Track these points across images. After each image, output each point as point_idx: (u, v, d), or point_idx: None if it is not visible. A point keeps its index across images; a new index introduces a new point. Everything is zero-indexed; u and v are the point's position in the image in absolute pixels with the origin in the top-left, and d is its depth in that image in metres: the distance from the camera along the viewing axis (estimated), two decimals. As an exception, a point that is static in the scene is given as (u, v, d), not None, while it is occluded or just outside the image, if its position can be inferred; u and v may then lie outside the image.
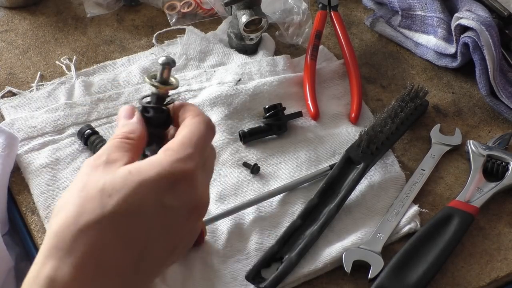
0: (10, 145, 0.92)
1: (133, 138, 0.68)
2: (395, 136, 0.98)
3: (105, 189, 0.62)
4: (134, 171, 0.63)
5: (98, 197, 0.62)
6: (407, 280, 0.85)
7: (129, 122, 0.70)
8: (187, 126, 0.68)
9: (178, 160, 0.64)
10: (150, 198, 0.63)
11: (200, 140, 0.67)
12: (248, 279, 0.85)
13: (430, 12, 1.10)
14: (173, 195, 0.64)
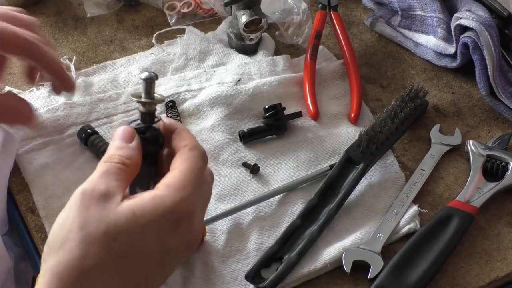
0: (10, 145, 0.92)
1: (129, 165, 0.67)
2: (395, 136, 0.98)
3: (109, 231, 0.61)
4: (139, 213, 0.62)
5: (102, 240, 0.61)
6: (407, 280, 0.85)
7: (127, 146, 0.68)
8: (186, 160, 0.67)
9: (181, 201, 0.64)
10: (154, 240, 0.63)
11: (199, 176, 0.67)
12: (248, 279, 0.85)
13: (430, 12, 1.11)
14: (174, 236, 0.64)
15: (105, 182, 0.65)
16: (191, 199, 0.65)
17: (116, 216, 0.62)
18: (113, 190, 0.64)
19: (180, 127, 0.71)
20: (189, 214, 0.65)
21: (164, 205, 0.63)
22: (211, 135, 0.99)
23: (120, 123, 1.00)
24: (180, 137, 0.70)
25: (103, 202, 0.63)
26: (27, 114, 0.84)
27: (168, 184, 0.65)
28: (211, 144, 0.98)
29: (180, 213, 0.64)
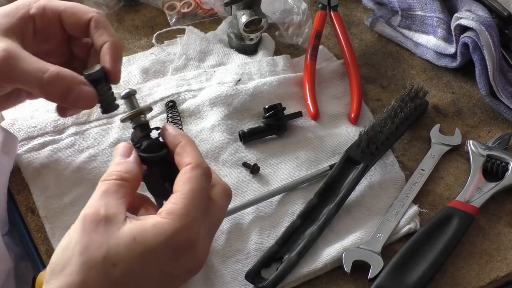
0: (10, 145, 0.92)
1: (128, 179, 0.67)
2: (395, 136, 0.98)
3: (109, 257, 0.61)
4: (139, 239, 0.62)
5: (102, 265, 0.61)
6: (407, 280, 0.85)
7: (125, 161, 0.69)
8: (189, 182, 0.66)
9: (183, 228, 0.63)
10: (154, 268, 0.62)
11: (203, 198, 0.66)
12: (248, 279, 0.85)
13: (430, 12, 1.11)
14: (176, 264, 0.64)
15: (106, 204, 0.64)
16: (193, 225, 0.64)
17: (117, 241, 0.62)
18: (114, 211, 0.64)
19: (185, 141, 0.70)
20: (192, 242, 0.64)
21: (165, 233, 0.63)
22: (211, 135, 0.99)
23: (120, 123, 0.99)
24: (183, 152, 0.69)
25: (104, 226, 0.63)
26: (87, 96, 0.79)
27: (170, 211, 0.64)
28: (211, 144, 0.98)
29: (182, 242, 0.63)
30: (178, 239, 0.63)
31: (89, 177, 0.94)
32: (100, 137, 0.98)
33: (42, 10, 0.81)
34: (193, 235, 0.64)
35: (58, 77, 0.77)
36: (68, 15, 0.81)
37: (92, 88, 0.78)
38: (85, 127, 0.99)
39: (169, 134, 0.71)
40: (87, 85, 0.77)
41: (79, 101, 0.77)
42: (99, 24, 0.81)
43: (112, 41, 0.80)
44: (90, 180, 0.93)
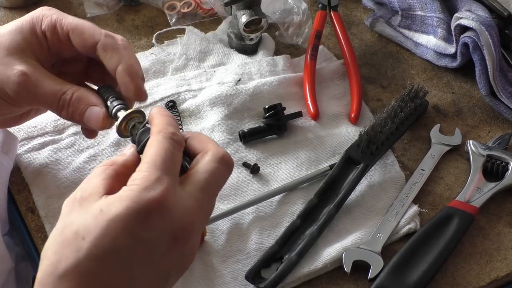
0: (10, 145, 0.92)
1: (114, 163, 0.67)
2: (395, 136, 0.98)
3: (79, 231, 0.61)
4: (105, 209, 0.62)
5: (73, 241, 0.61)
6: (407, 280, 0.85)
7: (121, 153, 0.70)
8: (149, 146, 0.66)
9: (145, 189, 0.62)
10: (122, 235, 0.61)
11: (167, 159, 0.65)
12: (248, 279, 0.85)
13: (430, 12, 1.11)
14: (146, 227, 0.62)
15: (83, 188, 0.65)
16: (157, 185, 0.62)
17: (86, 216, 0.62)
18: (90, 191, 0.64)
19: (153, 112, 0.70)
20: (159, 201, 0.62)
21: (128, 197, 0.62)
22: (211, 135, 0.99)
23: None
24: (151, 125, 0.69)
25: (79, 207, 0.64)
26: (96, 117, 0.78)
27: (133, 177, 0.64)
28: (211, 144, 0.98)
29: (147, 202, 0.62)
30: (141, 200, 0.62)
31: (89, 177, 0.94)
32: (100, 137, 0.98)
33: (53, 27, 0.80)
34: (158, 194, 0.62)
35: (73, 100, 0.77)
36: (75, 35, 0.80)
37: (103, 109, 0.77)
38: (85, 127, 0.99)
39: (149, 116, 0.71)
40: (97, 105, 0.77)
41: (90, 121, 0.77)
42: (107, 48, 0.79)
43: (126, 62, 0.78)
44: (90, 180, 0.93)
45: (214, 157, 0.68)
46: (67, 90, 0.77)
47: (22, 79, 0.77)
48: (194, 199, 0.65)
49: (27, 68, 0.77)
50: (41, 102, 0.78)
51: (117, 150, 0.97)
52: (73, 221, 0.62)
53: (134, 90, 0.78)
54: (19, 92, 0.77)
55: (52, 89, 0.77)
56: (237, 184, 0.95)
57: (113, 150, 0.97)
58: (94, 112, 0.77)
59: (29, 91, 0.77)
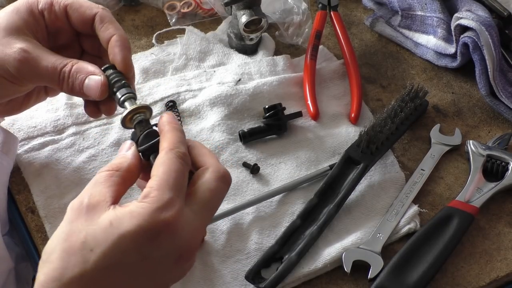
0: (10, 145, 0.92)
1: (120, 169, 0.68)
2: (395, 136, 0.98)
3: (86, 242, 0.62)
4: (115, 223, 0.63)
5: (80, 251, 0.62)
6: (407, 280, 0.85)
7: (122, 155, 0.70)
8: (162, 165, 0.67)
9: (158, 209, 0.63)
10: (131, 251, 0.63)
11: (179, 179, 0.66)
12: (248, 279, 0.85)
13: (430, 12, 1.11)
14: (155, 246, 0.63)
15: (91, 193, 0.65)
16: (169, 206, 0.64)
17: (95, 227, 0.63)
18: (97, 199, 0.65)
19: (168, 127, 0.70)
20: (168, 223, 0.64)
21: (139, 216, 0.63)
22: (211, 135, 0.99)
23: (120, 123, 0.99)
24: (163, 138, 0.70)
25: (86, 214, 0.64)
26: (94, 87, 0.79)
27: (145, 194, 0.65)
28: (211, 144, 0.98)
29: (157, 223, 0.63)
30: (153, 221, 0.63)
31: (89, 177, 0.94)
32: (100, 137, 0.98)
33: (50, 5, 0.81)
34: (169, 216, 0.64)
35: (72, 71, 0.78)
36: (73, 10, 0.82)
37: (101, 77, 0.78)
38: (85, 127, 0.99)
39: (160, 121, 0.72)
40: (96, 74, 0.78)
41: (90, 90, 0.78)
42: (104, 19, 0.81)
43: (119, 34, 0.80)
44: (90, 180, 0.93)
45: (216, 175, 0.69)
46: (67, 63, 0.79)
47: (23, 56, 0.78)
48: (199, 218, 0.67)
49: (27, 46, 0.78)
50: (43, 77, 0.79)
51: (117, 150, 0.97)
52: (80, 229, 0.63)
53: (122, 61, 0.79)
54: (20, 69, 0.78)
55: (53, 63, 0.78)
56: (237, 184, 0.95)
57: (113, 150, 0.97)
58: (93, 80, 0.78)
59: (30, 67, 0.78)
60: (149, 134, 0.72)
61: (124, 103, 0.76)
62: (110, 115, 0.83)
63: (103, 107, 0.82)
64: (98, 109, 0.83)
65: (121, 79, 0.78)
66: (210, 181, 0.68)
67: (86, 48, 0.86)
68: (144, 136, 0.72)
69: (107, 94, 0.78)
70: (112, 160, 0.70)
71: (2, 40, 0.79)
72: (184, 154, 0.68)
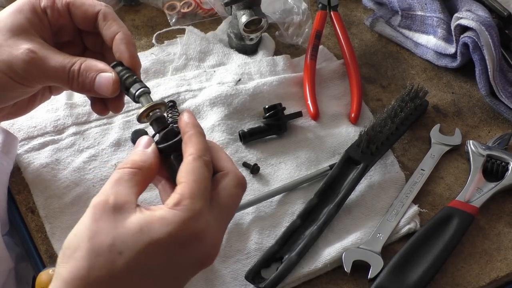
0: (10, 145, 0.92)
1: (142, 168, 0.68)
2: (395, 136, 0.98)
3: (115, 245, 0.62)
4: (145, 229, 0.63)
5: (108, 253, 0.62)
6: (407, 280, 0.85)
7: (142, 151, 0.70)
8: (192, 172, 0.67)
9: (190, 219, 0.64)
10: (160, 258, 0.63)
11: (207, 188, 0.67)
12: (248, 279, 0.85)
13: (430, 12, 1.11)
14: (183, 255, 0.64)
15: (116, 192, 0.65)
16: (200, 216, 0.65)
17: (124, 230, 0.63)
18: (124, 200, 0.65)
19: (193, 131, 0.70)
20: (198, 232, 0.64)
21: (171, 225, 0.63)
22: (211, 135, 0.99)
23: (121, 123, 1.00)
24: (189, 142, 0.70)
25: (113, 214, 0.64)
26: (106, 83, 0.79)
27: (176, 202, 0.65)
28: (211, 144, 0.98)
29: (188, 233, 0.64)
30: (184, 230, 0.64)
31: (89, 177, 0.94)
32: (100, 137, 0.98)
33: (52, 2, 0.81)
34: (200, 226, 0.64)
35: (82, 70, 0.78)
36: (75, 7, 0.81)
37: (113, 74, 0.78)
38: (85, 127, 0.99)
39: (182, 122, 0.72)
40: (107, 71, 0.78)
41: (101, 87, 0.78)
42: (107, 17, 0.81)
43: (123, 31, 0.80)
44: (90, 180, 0.93)
45: (235, 182, 0.70)
46: (75, 61, 0.78)
47: (31, 56, 0.77)
48: (220, 224, 0.68)
49: (34, 46, 0.78)
50: (51, 77, 0.79)
51: (117, 150, 0.97)
52: (108, 230, 0.63)
53: (130, 57, 0.79)
54: (28, 70, 0.78)
55: (61, 62, 0.78)
56: (237, 184, 0.95)
57: (113, 150, 0.97)
58: (104, 77, 0.78)
59: (38, 67, 0.78)
60: (169, 132, 0.72)
61: (140, 98, 0.76)
62: (118, 112, 0.83)
63: (111, 104, 0.82)
64: (106, 106, 0.83)
65: (132, 75, 0.78)
66: (230, 188, 0.69)
67: (88, 45, 0.86)
68: (164, 134, 0.72)
69: (119, 91, 0.79)
70: (132, 156, 0.70)
71: (8, 41, 0.79)
72: (209, 162, 0.69)
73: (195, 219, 0.64)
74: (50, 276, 0.80)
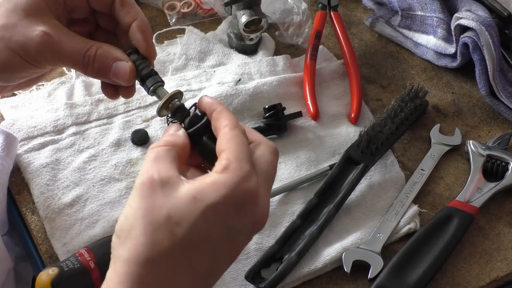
0: (10, 145, 0.92)
1: (176, 145, 0.68)
2: (395, 136, 0.98)
3: (171, 216, 0.62)
4: (199, 197, 0.62)
5: (166, 225, 0.61)
6: (407, 280, 0.85)
7: (173, 133, 0.70)
8: (232, 140, 0.67)
9: (242, 180, 0.64)
10: (218, 223, 0.63)
11: (249, 153, 0.67)
12: (248, 279, 0.85)
13: (430, 12, 1.11)
14: (240, 217, 0.64)
15: (158, 169, 0.65)
16: (250, 177, 0.64)
17: (177, 201, 0.62)
18: (167, 174, 0.64)
19: (221, 107, 0.71)
20: (252, 193, 0.64)
21: (225, 188, 0.63)
22: (211, 135, 0.99)
23: (121, 123, 1.00)
24: (220, 116, 0.70)
25: (161, 189, 0.63)
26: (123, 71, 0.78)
27: (225, 166, 0.64)
28: (211, 144, 0.98)
29: (243, 194, 0.63)
30: (238, 191, 0.63)
31: (89, 177, 0.94)
32: (100, 137, 0.98)
33: None
34: (252, 186, 0.64)
35: (98, 56, 0.77)
36: None
37: (129, 63, 0.78)
38: (85, 127, 0.99)
39: (206, 103, 0.72)
40: (124, 60, 0.78)
41: (117, 76, 0.78)
42: (125, 2, 0.80)
43: (140, 18, 0.80)
44: (90, 180, 0.93)
45: (270, 149, 0.70)
46: (91, 46, 0.78)
47: (45, 39, 0.76)
48: (267, 191, 0.67)
49: (49, 28, 0.77)
50: (65, 60, 0.78)
51: (117, 150, 0.97)
52: (161, 204, 0.62)
53: (147, 46, 0.79)
54: (42, 52, 0.77)
55: (76, 46, 0.77)
56: (237, 184, 0.95)
57: (113, 150, 0.97)
58: (121, 66, 0.77)
59: (53, 50, 0.77)
60: (194, 117, 0.72)
61: (155, 91, 0.76)
62: (129, 97, 0.83)
63: (122, 91, 0.82)
64: (116, 91, 0.82)
65: (148, 66, 0.78)
66: (267, 155, 0.69)
67: (101, 24, 0.85)
68: (190, 119, 0.72)
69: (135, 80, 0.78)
70: (164, 137, 0.70)
71: (22, 22, 0.77)
72: (245, 132, 0.69)
73: (247, 179, 0.64)
74: (50, 276, 0.80)
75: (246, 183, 0.64)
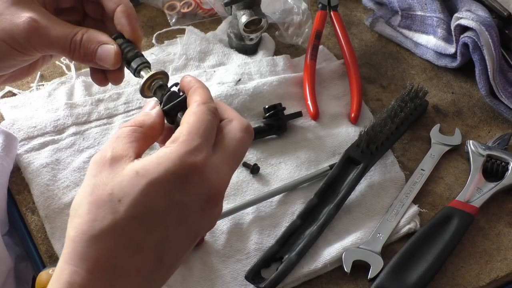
0: (10, 145, 0.92)
1: (143, 125, 0.68)
2: (395, 136, 0.99)
3: (114, 193, 0.62)
4: (141, 171, 0.62)
5: (108, 203, 0.62)
6: (407, 280, 0.85)
7: (145, 112, 0.70)
8: (194, 114, 0.67)
9: (186, 153, 0.63)
10: (160, 198, 0.62)
11: (208, 128, 0.66)
12: (248, 279, 0.85)
13: (430, 12, 1.11)
14: (184, 191, 0.63)
15: (113, 147, 0.65)
16: (197, 151, 0.64)
17: (121, 178, 0.63)
18: (120, 153, 0.65)
19: (198, 84, 0.71)
20: (197, 166, 0.63)
21: (168, 159, 0.63)
22: (211, 135, 0.99)
23: (121, 123, 1.00)
24: (194, 93, 0.70)
25: (110, 167, 0.64)
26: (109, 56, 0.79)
27: (173, 139, 0.65)
28: (211, 144, 0.98)
29: (186, 166, 0.63)
30: (182, 164, 0.63)
31: (89, 177, 0.94)
32: (100, 137, 0.98)
33: None
34: (198, 160, 0.63)
35: (84, 41, 0.78)
36: None
37: (114, 46, 0.78)
38: (85, 127, 0.99)
39: (185, 81, 0.72)
40: (109, 43, 0.78)
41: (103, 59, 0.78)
42: None
43: (124, 3, 0.80)
44: (90, 180, 0.93)
45: (240, 126, 0.69)
46: (77, 32, 0.78)
47: (32, 25, 0.76)
48: (225, 164, 0.67)
49: (36, 15, 0.77)
50: (53, 46, 0.78)
51: (117, 150, 0.97)
52: (106, 182, 0.63)
53: (131, 30, 0.79)
54: (30, 39, 0.77)
55: (63, 32, 0.78)
56: (237, 184, 0.95)
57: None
58: (105, 49, 0.77)
59: (40, 36, 0.77)
60: (172, 94, 0.72)
61: (140, 72, 0.76)
62: (118, 84, 0.83)
63: (111, 76, 0.82)
64: (106, 77, 0.82)
65: (133, 49, 0.78)
66: (235, 131, 0.69)
67: (89, 12, 0.85)
68: (168, 96, 0.72)
69: (120, 63, 0.78)
70: (135, 117, 0.70)
71: (9, 9, 0.78)
72: (215, 109, 0.69)
73: (192, 153, 0.63)
74: (50, 276, 0.80)
75: (192, 156, 0.63)
